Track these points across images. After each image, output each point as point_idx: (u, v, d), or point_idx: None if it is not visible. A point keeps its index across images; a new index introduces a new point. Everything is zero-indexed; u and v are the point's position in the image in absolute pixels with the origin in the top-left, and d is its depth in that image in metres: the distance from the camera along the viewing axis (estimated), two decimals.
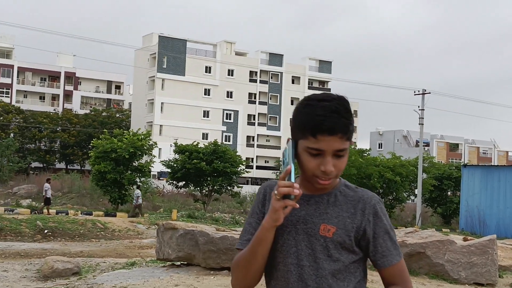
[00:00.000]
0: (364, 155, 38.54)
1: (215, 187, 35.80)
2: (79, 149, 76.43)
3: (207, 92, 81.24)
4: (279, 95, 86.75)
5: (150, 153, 33.72)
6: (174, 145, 36.60)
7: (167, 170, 37.62)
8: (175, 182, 36.50)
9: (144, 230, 24.21)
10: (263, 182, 78.17)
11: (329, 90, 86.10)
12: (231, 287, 2.21)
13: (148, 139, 33.19)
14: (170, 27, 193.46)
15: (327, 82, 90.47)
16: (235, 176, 36.49)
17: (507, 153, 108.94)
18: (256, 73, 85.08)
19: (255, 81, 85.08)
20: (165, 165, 36.43)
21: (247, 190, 49.63)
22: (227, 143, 64.87)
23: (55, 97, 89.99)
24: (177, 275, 10.52)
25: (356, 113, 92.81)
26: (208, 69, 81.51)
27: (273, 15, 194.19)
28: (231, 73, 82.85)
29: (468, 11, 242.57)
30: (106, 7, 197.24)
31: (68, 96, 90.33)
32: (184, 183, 36.30)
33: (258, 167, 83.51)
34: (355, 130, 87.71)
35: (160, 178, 61.76)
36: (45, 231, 20.86)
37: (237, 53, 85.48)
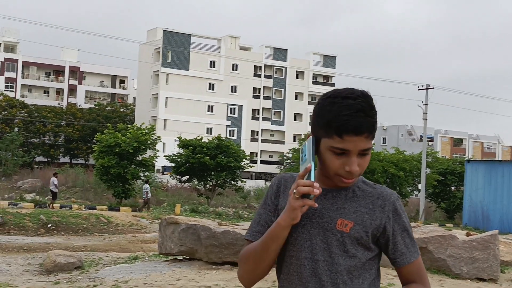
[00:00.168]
0: None
1: (218, 182, 35.85)
2: (83, 143, 76.52)
3: (211, 86, 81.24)
4: (283, 89, 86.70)
5: (154, 147, 33.77)
6: (178, 140, 36.63)
7: (171, 164, 37.68)
8: (179, 176, 36.59)
9: (147, 224, 24.24)
10: (267, 176, 77.89)
11: (333, 85, 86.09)
12: (238, 278, 2.16)
13: (152, 133, 33.29)
14: (174, 22, 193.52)
15: (331, 77, 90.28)
16: (238, 170, 36.53)
17: None
18: (260, 67, 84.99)
19: (259, 76, 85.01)
20: (169, 159, 36.50)
21: (251, 184, 49.68)
22: (231, 138, 64.83)
23: (59, 92, 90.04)
24: (179, 269, 10.55)
25: None
26: (212, 64, 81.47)
27: (277, 10, 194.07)
28: (235, 67, 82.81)
29: (472, 6, 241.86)
30: (110, 2, 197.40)
31: (72, 90, 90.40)
32: (188, 177, 36.38)
33: (262, 162, 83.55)
34: None
35: (164, 172, 61.82)
36: (49, 225, 20.90)
37: (242, 48, 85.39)
